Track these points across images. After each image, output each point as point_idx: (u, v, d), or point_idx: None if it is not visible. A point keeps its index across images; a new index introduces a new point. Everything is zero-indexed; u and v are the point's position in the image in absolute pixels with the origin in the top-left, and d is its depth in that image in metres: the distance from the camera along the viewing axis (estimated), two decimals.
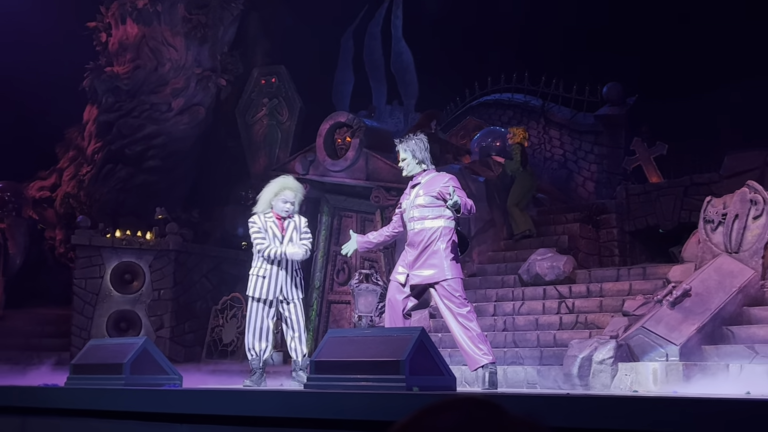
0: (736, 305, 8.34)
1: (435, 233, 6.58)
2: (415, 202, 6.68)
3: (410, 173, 6.77)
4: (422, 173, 6.73)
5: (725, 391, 6.51)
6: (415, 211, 6.66)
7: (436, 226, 6.60)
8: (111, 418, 5.47)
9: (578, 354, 8.02)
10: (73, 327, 13.30)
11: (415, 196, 6.69)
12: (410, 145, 6.74)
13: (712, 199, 9.17)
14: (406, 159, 6.76)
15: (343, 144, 13.54)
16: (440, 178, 6.70)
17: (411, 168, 6.74)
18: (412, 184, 6.81)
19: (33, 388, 6.59)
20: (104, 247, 13.48)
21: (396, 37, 15.90)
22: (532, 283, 10.70)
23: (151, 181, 15.35)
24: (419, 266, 6.63)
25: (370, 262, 12.85)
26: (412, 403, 4.32)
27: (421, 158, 6.73)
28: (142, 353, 6.56)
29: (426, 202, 6.63)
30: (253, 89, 15.80)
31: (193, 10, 15.30)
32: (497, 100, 16.68)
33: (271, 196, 7.42)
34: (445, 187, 6.51)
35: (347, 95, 16.02)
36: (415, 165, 6.74)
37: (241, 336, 13.31)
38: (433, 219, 6.62)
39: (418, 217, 6.64)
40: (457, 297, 6.60)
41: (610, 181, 14.06)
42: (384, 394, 4.67)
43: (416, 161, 6.72)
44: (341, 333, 6.29)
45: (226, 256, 14.36)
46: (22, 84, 15.58)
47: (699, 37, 13.82)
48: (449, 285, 6.59)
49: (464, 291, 6.76)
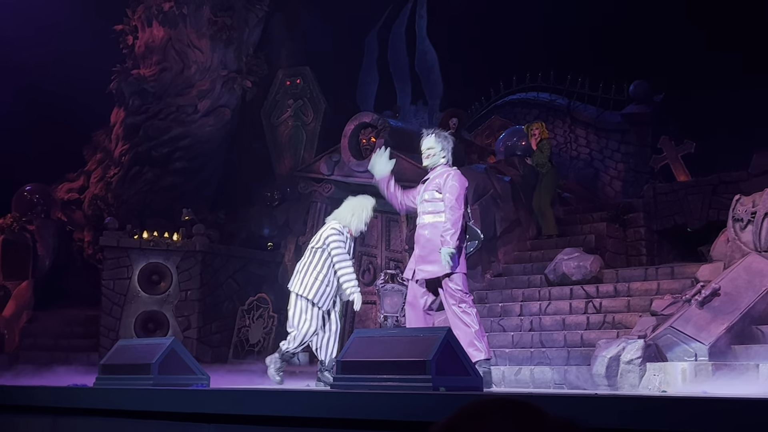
0: (766, 304, 8.25)
1: (437, 228, 6.69)
2: (423, 197, 6.85)
3: (432, 165, 6.87)
4: (437, 168, 6.85)
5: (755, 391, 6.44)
6: (421, 206, 6.84)
7: (439, 221, 6.68)
8: (139, 418, 5.51)
9: (606, 354, 7.96)
10: (101, 328, 13.40)
11: (423, 191, 6.86)
12: (441, 138, 6.87)
13: (741, 197, 9.08)
14: (433, 149, 6.87)
15: (368, 144, 13.55)
16: (445, 173, 6.78)
17: (434, 160, 6.87)
18: (424, 179, 6.92)
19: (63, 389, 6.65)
20: (132, 248, 13.57)
21: (420, 36, 15.89)
22: (558, 283, 10.64)
23: (177, 182, 15.44)
24: (423, 262, 6.74)
25: (395, 263, 12.85)
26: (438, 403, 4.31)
27: (445, 154, 6.85)
28: (169, 353, 6.60)
29: (429, 197, 6.79)
30: (278, 90, 15.85)
31: (218, 13, 15.38)
32: (523, 99, 16.62)
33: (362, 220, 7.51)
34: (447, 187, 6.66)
35: (372, 95, 16.04)
36: (439, 158, 6.87)
37: (268, 336, 13.37)
38: (436, 214, 6.74)
39: (423, 212, 6.82)
40: (457, 291, 6.66)
41: (637, 179, 13.96)
42: (410, 395, 4.67)
43: (442, 155, 6.85)
44: (367, 333, 6.29)
45: (252, 257, 14.42)
46: (51, 87, 15.74)
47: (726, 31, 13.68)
48: (450, 279, 6.66)
49: (467, 286, 6.80)
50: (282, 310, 13.65)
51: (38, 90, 15.77)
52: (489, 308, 10.74)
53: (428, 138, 6.95)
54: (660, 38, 14.69)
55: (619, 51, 14.81)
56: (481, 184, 11.83)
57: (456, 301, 6.69)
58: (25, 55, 15.88)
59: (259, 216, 14.92)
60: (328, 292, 7.42)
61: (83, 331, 14.05)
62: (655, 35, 14.75)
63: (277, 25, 16.55)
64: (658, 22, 14.71)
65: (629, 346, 7.91)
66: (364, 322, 12.79)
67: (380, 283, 11.94)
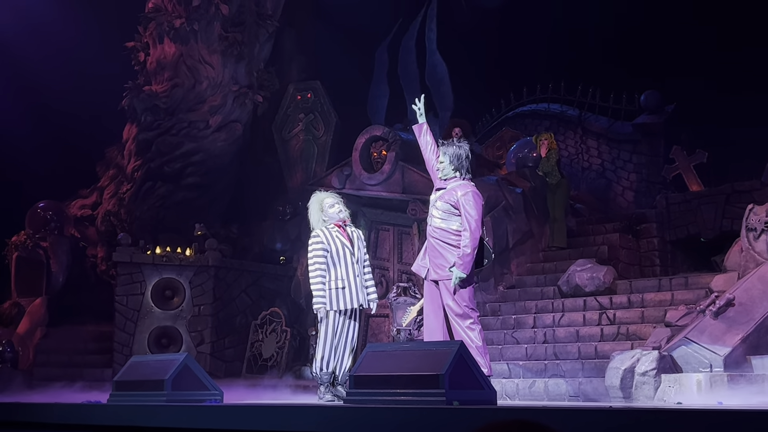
0: None
1: (446, 233, 6.82)
2: (435, 204, 6.96)
3: (445, 177, 6.93)
4: (452, 180, 6.93)
5: None
6: (433, 210, 6.96)
7: (449, 228, 6.82)
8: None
9: (620, 366, 7.92)
10: (115, 344, 13.43)
11: (435, 200, 6.98)
12: (449, 151, 6.96)
13: (755, 206, 9.03)
14: (443, 163, 6.96)
15: (379, 157, 13.56)
16: (461, 189, 6.83)
17: (446, 172, 6.95)
18: (437, 188, 6.97)
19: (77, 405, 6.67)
20: (145, 263, 13.61)
21: (430, 49, 15.88)
22: (572, 295, 10.60)
23: (190, 197, 15.49)
24: (434, 265, 6.79)
25: (407, 276, 12.83)
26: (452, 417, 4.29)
27: (457, 165, 6.94)
28: (183, 369, 6.61)
29: (442, 207, 6.89)
30: (289, 105, 15.90)
31: (229, 28, 15.45)
32: (533, 111, 16.61)
33: (318, 213, 7.43)
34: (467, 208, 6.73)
35: (382, 109, 16.04)
36: (450, 170, 6.95)
37: (281, 350, 13.37)
38: (447, 221, 6.86)
39: (434, 215, 6.95)
40: (462, 305, 6.74)
41: (650, 190, 13.91)
42: (424, 409, 4.65)
43: (452, 167, 6.93)
44: (380, 347, 6.29)
45: (265, 271, 14.43)
46: (63, 104, 15.84)
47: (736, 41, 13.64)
48: (458, 293, 6.70)
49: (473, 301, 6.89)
50: (294, 324, 13.66)
51: (51, 107, 15.89)
52: (502, 320, 10.70)
53: (440, 150, 7.04)
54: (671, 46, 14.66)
55: (629, 61, 14.78)
56: (492, 195, 11.82)
57: (460, 315, 6.71)
58: (38, 73, 16.02)
59: (272, 230, 14.94)
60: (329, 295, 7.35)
61: (97, 347, 14.08)
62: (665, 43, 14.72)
63: (288, 40, 16.62)
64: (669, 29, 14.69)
65: (644, 357, 7.87)
66: (377, 336, 12.77)
67: (393, 296, 11.93)
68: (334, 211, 7.38)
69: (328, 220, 7.38)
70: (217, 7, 15.22)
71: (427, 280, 6.95)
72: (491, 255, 6.98)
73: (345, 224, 7.42)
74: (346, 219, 7.43)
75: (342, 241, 7.31)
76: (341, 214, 7.39)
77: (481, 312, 11.06)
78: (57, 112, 15.88)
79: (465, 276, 6.68)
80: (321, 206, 7.44)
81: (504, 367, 9.42)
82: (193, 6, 15.20)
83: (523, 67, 16.43)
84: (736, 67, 13.35)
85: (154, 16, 15.56)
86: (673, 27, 14.61)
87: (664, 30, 14.74)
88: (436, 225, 6.88)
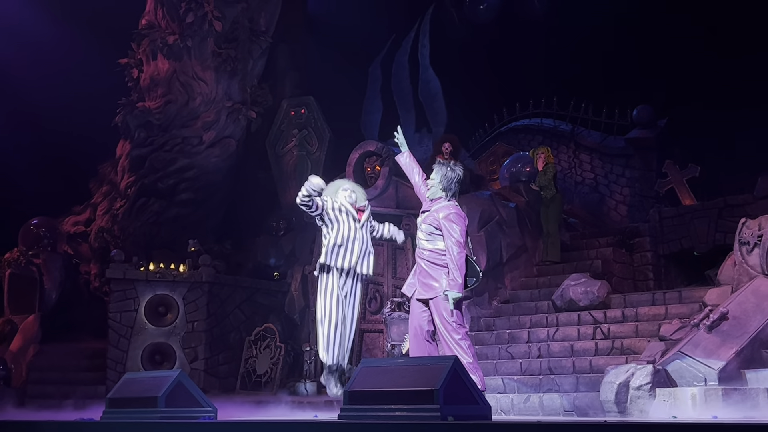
0: None
1: (433, 254, 6.90)
2: (420, 227, 7.06)
3: (432, 196, 7.00)
4: (438, 200, 7.01)
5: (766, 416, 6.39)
6: (420, 231, 7.04)
7: (436, 248, 6.90)
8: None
9: (615, 380, 7.91)
10: (108, 360, 13.37)
11: (420, 222, 7.08)
12: (442, 171, 7.02)
13: (747, 220, 9.06)
14: (434, 180, 7.06)
15: (372, 173, 13.58)
16: (442, 211, 6.96)
17: (434, 191, 7.05)
18: (423, 209, 7.06)
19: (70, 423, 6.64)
20: (138, 280, 13.57)
21: (423, 65, 15.96)
22: (566, 309, 10.60)
23: (183, 213, 15.47)
24: (421, 284, 6.83)
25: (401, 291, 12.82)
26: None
27: (445, 186, 7.02)
28: (176, 386, 6.58)
29: (426, 229, 6.98)
30: (282, 120, 15.92)
31: (222, 45, 15.48)
32: (526, 126, 16.67)
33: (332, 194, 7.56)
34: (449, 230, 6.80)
35: (376, 124, 16.09)
36: (438, 190, 7.04)
37: (275, 366, 13.33)
38: (431, 241, 6.95)
39: (420, 238, 7.03)
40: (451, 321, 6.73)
41: (643, 204, 13.96)
42: (419, 424, 4.64)
43: (441, 186, 7.01)
44: (374, 363, 6.28)
45: (259, 287, 14.40)
46: (56, 121, 15.85)
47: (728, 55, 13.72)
48: (439, 302, 6.75)
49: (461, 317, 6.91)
50: (289, 340, 13.63)
51: (44, 123, 15.89)
52: (497, 335, 10.70)
53: (434, 168, 7.09)
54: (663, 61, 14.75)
55: (622, 75, 14.86)
56: (486, 210, 11.84)
57: (449, 330, 6.74)
58: (31, 90, 16.03)
59: (266, 246, 14.92)
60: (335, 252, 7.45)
61: (90, 364, 14.01)
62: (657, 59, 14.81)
63: (281, 56, 16.66)
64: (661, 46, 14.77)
65: (638, 371, 7.86)
66: (372, 351, 12.75)
67: (387, 312, 11.91)
68: (343, 195, 7.55)
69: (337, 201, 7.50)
70: (211, 24, 15.26)
71: (414, 299, 6.99)
72: (479, 274, 6.99)
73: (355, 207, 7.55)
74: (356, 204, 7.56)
75: (348, 208, 7.48)
76: (351, 198, 7.54)
77: (476, 327, 11.05)
78: (50, 129, 15.89)
79: (460, 296, 6.75)
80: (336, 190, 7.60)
81: (499, 381, 9.41)
82: (186, 22, 15.23)
83: (516, 82, 16.50)
84: (728, 81, 13.43)
85: (148, 32, 15.59)
86: (665, 42, 14.70)
87: (656, 45, 14.83)
88: (423, 246, 6.98)
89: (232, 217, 16.02)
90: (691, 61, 14.17)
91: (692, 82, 13.96)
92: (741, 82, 13.30)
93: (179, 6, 15.29)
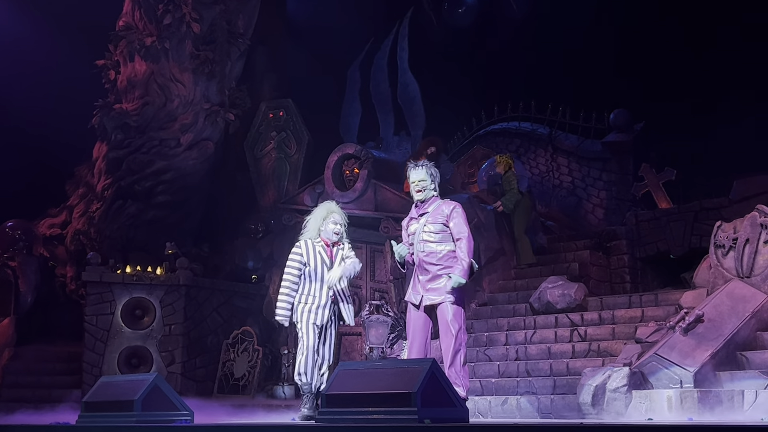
0: (749, 330, 8.28)
1: (443, 257, 6.88)
2: (423, 229, 6.96)
3: (425, 198, 6.97)
4: (431, 200, 7.04)
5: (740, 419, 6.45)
6: (424, 235, 6.95)
7: (445, 249, 6.87)
8: None
9: (592, 382, 7.96)
10: (84, 364, 13.27)
11: (424, 224, 6.98)
12: (431, 170, 7.08)
13: (723, 224, 9.15)
14: (425, 181, 7.04)
15: (351, 175, 13.57)
16: (445, 207, 6.99)
17: (427, 193, 6.99)
18: (419, 213, 6.99)
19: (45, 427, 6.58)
20: (115, 283, 13.49)
21: (402, 68, 15.96)
22: (543, 312, 10.65)
23: (160, 216, 15.37)
24: (429, 289, 6.81)
25: (380, 293, 12.82)
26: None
27: (435, 186, 7.09)
28: (153, 390, 6.55)
29: (435, 229, 6.94)
30: (261, 123, 15.87)
31: (200, 47, 15.40)
32: (504, 129, 16.73)
33: (320, 221, 7.41)
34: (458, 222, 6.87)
35: (355, 127, 16.07)
36: (431, 191, 7.06)
37: (252, 370, 13.28)
38: (440, 243, 6.91)
39: (428, 241, 6.93)
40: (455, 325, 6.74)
41: (620, 207, 14.05)
42: (396, 427, 4.64)
43: (433, 186, 7.06)
44: (352, 365, 6.28)
45: (237, 290, 14.35)
46: (32, 122, 15.70)
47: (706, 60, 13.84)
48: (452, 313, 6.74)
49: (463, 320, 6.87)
50: (266, 344, 13.58)
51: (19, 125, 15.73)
52: (475, 338, 10.72)
53: (419, 170, 7.07)
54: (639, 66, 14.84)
55: (598, 80, 14.95)
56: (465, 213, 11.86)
57: (454, 335, 6.76)
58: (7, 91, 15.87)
59: (243, 248, 14.87)
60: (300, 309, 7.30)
61: (66, 367, 13.90)
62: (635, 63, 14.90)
63: (260, 58, 16.60)
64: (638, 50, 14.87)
65: (615, 374, 7.91)
66: (350, 354, 12.74)
67: (366, 315, 11.91)
68: (331, 229, 7.38)
69: (322, 232, 7.38)
70: (189, 26, 15.18)
71: (421, 307, 6.93)
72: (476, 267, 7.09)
73: (334, 245, 7.40)
74: (338, 242, 7.41)
75: (323, 258, 7.32)
76: (335, 236, 7.38)
77: None
78: (25, 131, 15.73)
79: (464, 282, 6.76)
80: (326, 216, 7.43)
81: (476, 384, 9.43)
82: (164, 24, 15.15)
83: (494, 85, 16.56)
84: (704, 86, 13.54)
85: (125, 34, 15.49)
86: (642, 47, 14.80)
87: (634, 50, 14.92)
88: (432, 249, 6.90)
89: (209, 220, 15.94)
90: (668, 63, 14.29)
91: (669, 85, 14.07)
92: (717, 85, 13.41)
93: (157, 7, 15.20)
